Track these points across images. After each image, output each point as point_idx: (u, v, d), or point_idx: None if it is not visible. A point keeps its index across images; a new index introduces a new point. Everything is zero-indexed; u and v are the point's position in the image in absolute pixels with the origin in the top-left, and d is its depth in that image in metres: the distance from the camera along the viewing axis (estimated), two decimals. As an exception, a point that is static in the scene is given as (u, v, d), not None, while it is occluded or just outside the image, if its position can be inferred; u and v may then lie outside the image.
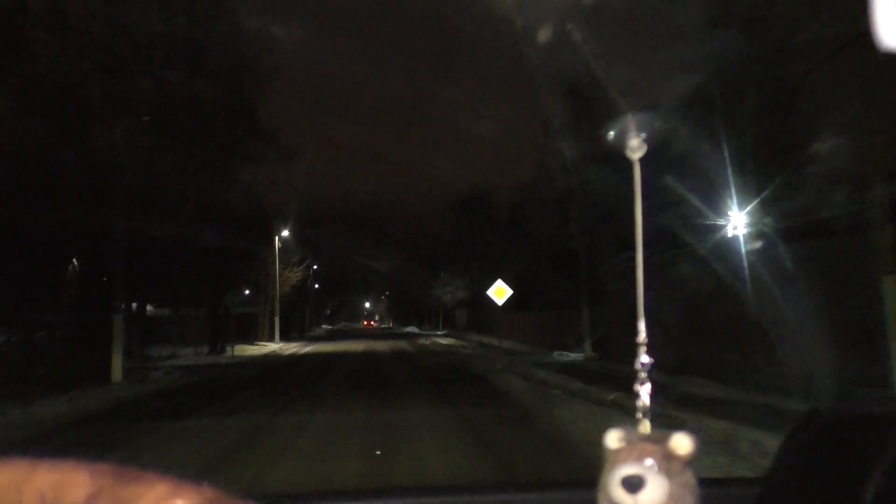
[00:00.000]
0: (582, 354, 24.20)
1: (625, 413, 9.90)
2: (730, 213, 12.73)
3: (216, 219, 34.48)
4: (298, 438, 8.92)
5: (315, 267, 70.59)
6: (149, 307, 40.84)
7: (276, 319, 42.70)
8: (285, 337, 46.06)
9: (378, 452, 7.78)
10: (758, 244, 11.67)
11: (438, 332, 61.02)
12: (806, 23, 11.74)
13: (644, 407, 0.89)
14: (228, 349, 32.84)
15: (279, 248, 43.22)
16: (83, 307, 29.77)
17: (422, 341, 44.52)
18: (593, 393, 12.54)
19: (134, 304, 33.76)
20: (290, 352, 34.76)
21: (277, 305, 42.76)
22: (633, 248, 1.07)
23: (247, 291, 45.03)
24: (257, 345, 40.00)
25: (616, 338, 22.43)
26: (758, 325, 12.26)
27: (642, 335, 0.92)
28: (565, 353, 26.85)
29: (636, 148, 0.95)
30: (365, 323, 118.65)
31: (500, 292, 23.02)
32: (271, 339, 43.23)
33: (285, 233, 44.03)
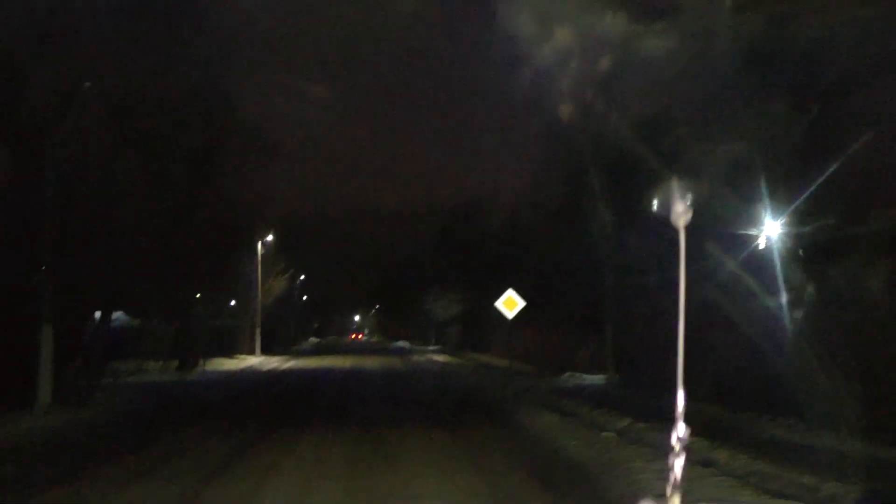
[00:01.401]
0: (603, 378, 21.17)
1: (741, 480, 6.83)
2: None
3: (189, 221, 31.60)
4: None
5: (302, 277, 67.43)
6: (122, 317, 37.65)
7: (258, 332, 39.41)
8: (268, 350, 42.77)
9: None
10: None
11: (431, 349, 57.99)
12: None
13: (676, 483, 0.89)
14: (201, 363, 29.61)
15: (262, 256, 39.99)
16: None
17: (415, 358, 41.31)
18: (653, 436, 9.41)
19: (98, 314, 30.62)
20: (269, 367, 31.58)
21: (259, 317, 39.47)
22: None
23: (233, 302, 41.85)
24: (236, 358, 36.80)
25: (643, 361, 19.45)
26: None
27: (681, 405, 0.98)
28: (577, 374, 23.79)
29: (682, 214, 0.92)
30: (353, 336, 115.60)
31: (510, 304, 19.92)
32: (253, 352, 39.95)
33: (269, 238, 40.79)
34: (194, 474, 8.00)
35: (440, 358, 41.10)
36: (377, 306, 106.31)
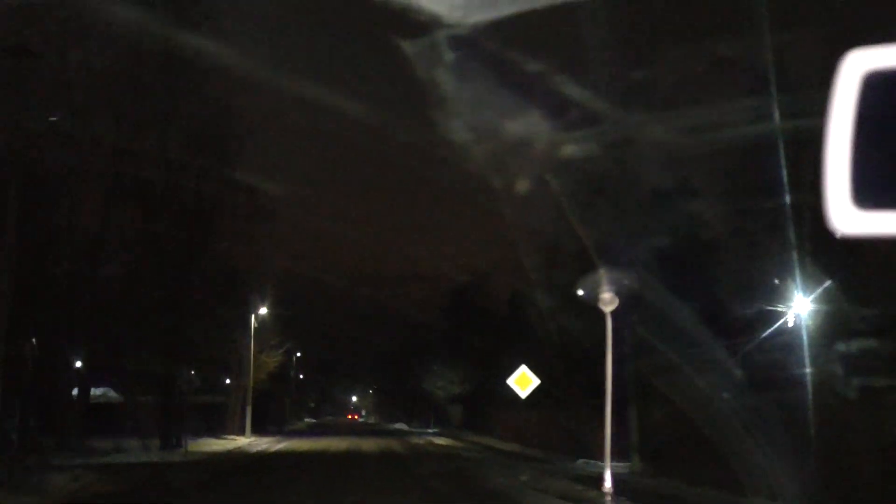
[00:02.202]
0: (627, 466, 19.04)
1: None
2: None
3: (182, 285, 29.85)
4: None
5: (298, 355, 65.24)
6: (107, 392, 35.50)
7: (248, 410, 37.11)
8: (259, 430, 40.34)
9: None
10: None
11: (430, 430, 55.51)
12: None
13: None
14: (186, 444, 27.36)
15: (255, 329, 38.00)
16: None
17: (414, 440, 38.88)
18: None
19: (75, 391, 28.54)
20: (258, 449, 29.31)
21: (250, 394, 37.24)
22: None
23: (227, 381, 39.65)
24: (224, 438, 34.46)
25: (672, 446, 17.43)
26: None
27: (607, 484, 0.86)
28: (592, 461, 21.63)
29: (608, 302, 0.72)
30: (350, 417, 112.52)
31: (523, 381, 17.97)
32: (243, 432, 37.52)
33: (263, 311, 38.86)
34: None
35: (440, 441, 38.70)
36: (374, 387, 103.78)
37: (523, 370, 18.09)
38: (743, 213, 14.30)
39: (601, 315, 18.49)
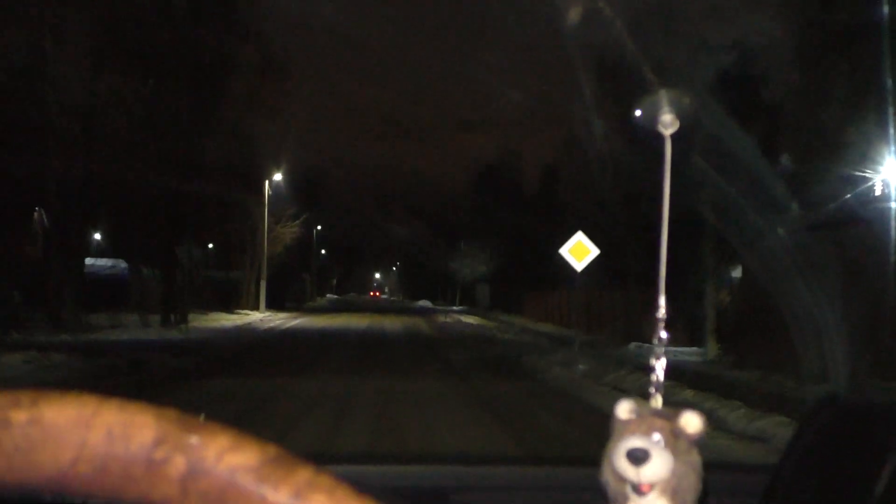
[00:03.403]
0: (701, 353, 16.08)
1: None
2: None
3: (188, 148, 26.83)
4: None
5: (319, 228, 62.62)
6: (118, 264, 32.96)
7: (262, 284, 34.50)
8: (276, 306, 37.91)
9: None
10: None
11: (456, 309, 53.31)
12: None
13: (657, 382, 0.87)
14: (187, 320, 24.79)
15: (270, 198, 34.92)
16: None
17: (441, 319, 36.27)
18: None
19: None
20: (270, 325, 26.72)
21: (264, 266, 34.52)
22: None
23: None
24: (237, 314, 32.03)
25: (756, 332, 14.36)
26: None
27: (662, 311, 0.92)
28: (646, 345, 18.70)
29: (669, 124, 0.92)
30: (372, 294, 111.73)
31: (579, 251, 14.68)
32: (258, 307, 35.09)
33: (278, 177, 35.65)
34: None
35: (470, 320, 36.10)
36: (398, 264, 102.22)
37: (579, 238, 14.81)
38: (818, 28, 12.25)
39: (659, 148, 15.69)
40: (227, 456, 0.37)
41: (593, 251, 14.76)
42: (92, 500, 0.38)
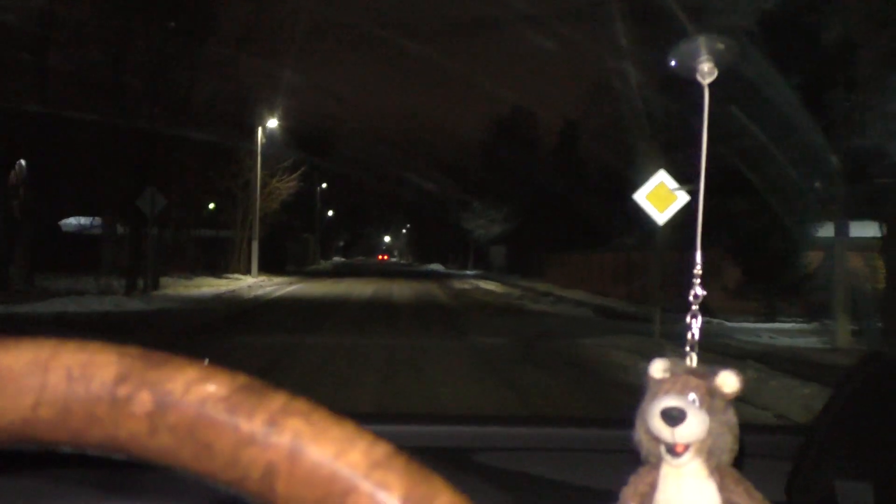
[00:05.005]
0: (816, 330, 12.00)
1: None
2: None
3: (160, 92, 22.93)
4: None
5: (324, 185, 58.52)
6: (93, 222, 29.09)
7: (254, 245, 30.42)
8: (272, 269, 33.87)
9: None
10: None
11: (469, 273, 49.51)
12: None
13: (692, 341, 0.84)
14: (155, 286, 20.82)
15: (263, 145, 30.69)
16: None
17: (456, 285, 32.21)
18: None
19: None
20: (258, 293, 22.71)
21: (256, 224, 30.41)
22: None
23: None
24: (225, 278, 28.10)
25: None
26: None
27: (698, 267, 0.88)
28: (725, 322, 14.69)
29: (707, 73, 0.90)
30: (380, 258, 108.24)
31: (661, 198, 10.49)
32: (249, 271, 31.05)
33: (272, 123, 31.39)
34: None
35: (488, 286, 32.05)
36: (408, 226, 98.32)
37: (661, 179, 10.61)
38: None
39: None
40: (194, 388, 0.36)
41: (681, 198, 10.56)
42: (60, 444, 0.37)
